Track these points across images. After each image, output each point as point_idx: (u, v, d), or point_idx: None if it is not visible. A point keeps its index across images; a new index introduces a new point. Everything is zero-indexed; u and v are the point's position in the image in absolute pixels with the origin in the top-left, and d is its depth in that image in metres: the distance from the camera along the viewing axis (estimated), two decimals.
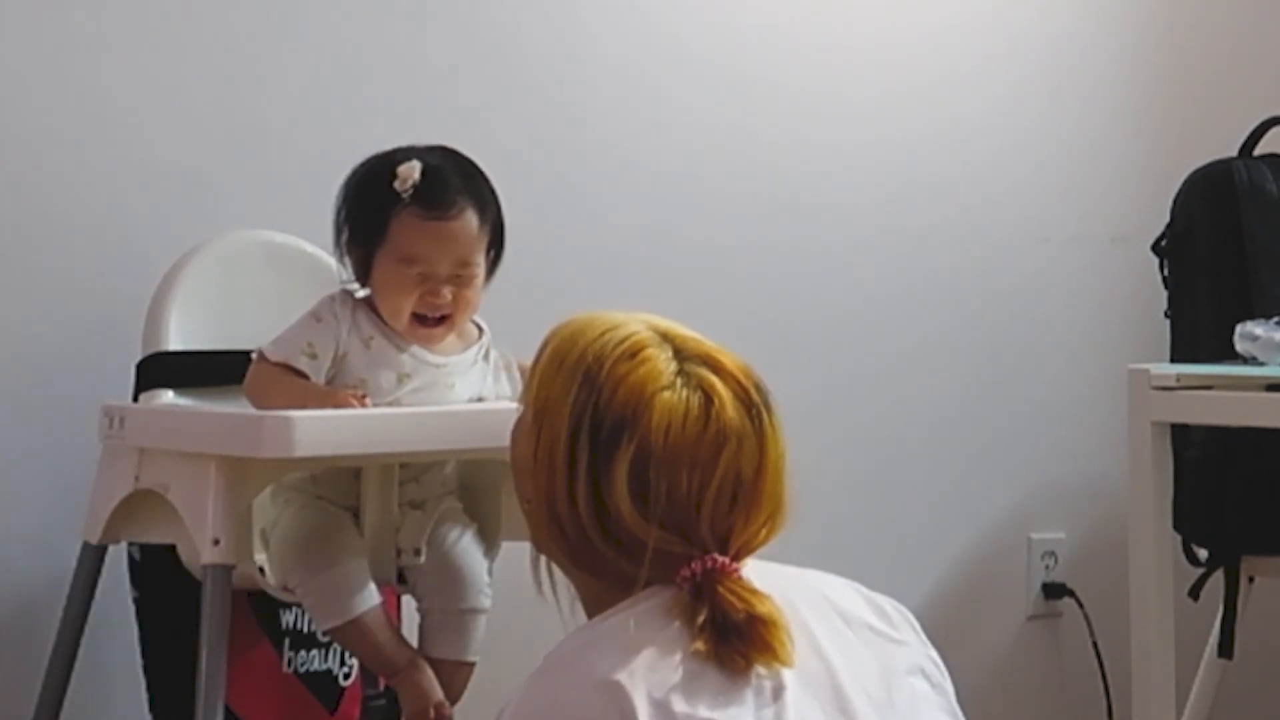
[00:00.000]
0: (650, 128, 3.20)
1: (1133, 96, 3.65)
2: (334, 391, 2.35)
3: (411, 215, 2.37)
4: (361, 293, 2.44)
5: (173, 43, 2.81)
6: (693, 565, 1.76)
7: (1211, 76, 3.70)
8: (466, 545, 2.50)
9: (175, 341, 2.59)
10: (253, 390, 2.39)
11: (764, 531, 1.82)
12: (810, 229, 3.35)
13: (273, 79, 2.89)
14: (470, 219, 2.40)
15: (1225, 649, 3.17)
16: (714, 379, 1.81)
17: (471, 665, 2.48)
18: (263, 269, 2.69)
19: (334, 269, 2.50)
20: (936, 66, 3.47)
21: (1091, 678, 3.50)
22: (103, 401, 2.50)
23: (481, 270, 2.42)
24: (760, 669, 1.73)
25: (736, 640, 1.72)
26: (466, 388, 2.45)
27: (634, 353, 1.80)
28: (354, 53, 2.95)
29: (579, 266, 3.09)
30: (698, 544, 1.77)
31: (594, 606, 1.83)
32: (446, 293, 2.39)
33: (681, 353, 1.82)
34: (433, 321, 2.40)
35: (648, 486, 1.76)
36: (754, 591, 1.76)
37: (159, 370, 2.57)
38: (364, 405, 2.33)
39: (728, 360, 1.84)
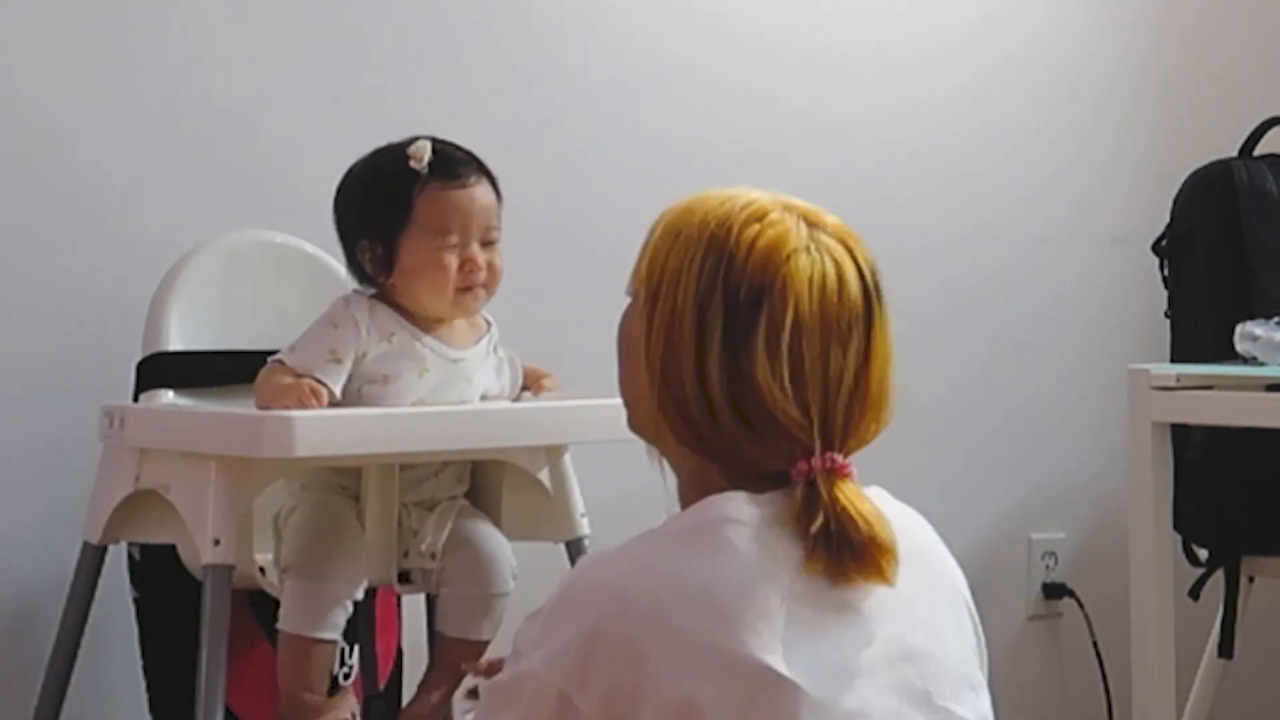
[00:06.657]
0: (642, 139, 3.18)
1: (1133, 97, 3.65)
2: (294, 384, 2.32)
3: (436, 189, 2.37)
4: (369, 291, 2.44)
5: (171, 42, 2.81)
6: (812, 461, 1.65)
7: (1211, 76, 3.70)
8: (491, 532, 2.51)
9: (175, 341, 2.59)
10: (263, 394, 2.34)
11: (873, 427, 1.71)
12: None
13: (272, 79, 2.89)
14: (487, 186, 2.42)
15: (1225, 649, 3.17)
16: (842, 252, 1.71)
17: (488, 642, 2.48)
18: (263, 269, 2.69)
19: (335, 271, 2.50)
20: (938, 72, 3.46)
21: (1091, 678, 3.50)
22: (103, 401, 2.50)
23: (501, 238, 2.42)
24: (860, 583, 1.65)
25: (850, 558, 1.64)
26: (482, 380, 2.46)
27: (760, 216, 1.69)
28: (352, 54, 2.95)
29: (569, 275, 3.07)
30: (821, 430, 1.65)
31: (698, 494, 1.69)
32: (483, 259, 2.38)
33: (808, 220, 1.71)
34: (476, 289, 2.39)
35: (781, 357, 1.64)
36: (876, 513, 1.67)
37: (159, 370, 2.57)
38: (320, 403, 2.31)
39: (853, 238, 1.74)
